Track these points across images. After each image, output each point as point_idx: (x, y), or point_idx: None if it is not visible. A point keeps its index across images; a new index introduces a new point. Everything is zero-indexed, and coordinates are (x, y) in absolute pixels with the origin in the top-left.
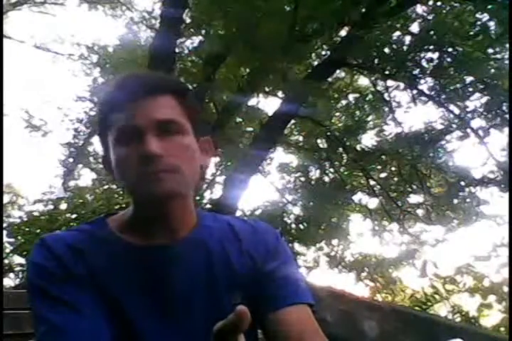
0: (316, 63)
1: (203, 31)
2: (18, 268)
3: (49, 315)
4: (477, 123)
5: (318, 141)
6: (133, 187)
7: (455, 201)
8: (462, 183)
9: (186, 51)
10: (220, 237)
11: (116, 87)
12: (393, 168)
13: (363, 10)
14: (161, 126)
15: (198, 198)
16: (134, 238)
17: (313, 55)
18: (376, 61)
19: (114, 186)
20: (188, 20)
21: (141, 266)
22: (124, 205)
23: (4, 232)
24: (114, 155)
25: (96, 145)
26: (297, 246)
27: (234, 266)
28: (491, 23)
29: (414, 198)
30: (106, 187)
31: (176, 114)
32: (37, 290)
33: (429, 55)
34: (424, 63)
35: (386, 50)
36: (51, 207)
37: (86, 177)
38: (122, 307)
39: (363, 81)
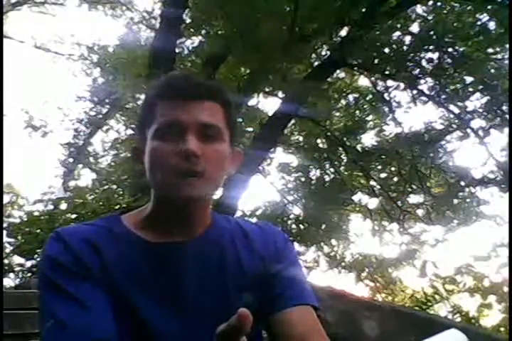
0: (316, 63)
1: (203, 31)
2: (18, 268)
3: (57, 309)
4: (477, 123)
5: (318, 141)
6: (161, 183)
7: (455, 201)
8: (462, 183)
9: (186, 51)
10: (232, 237)
11: (168, 84)
12: (393, 168)
13: (363, 10)
14: (204, 129)
15: None
16: (149, 235)
17: (313, 55)
18: (376, 61)
19: (114, 186)
20: (188, 20)
21: (156, 263)
22: (124, 205)
23: (4, 232)
24: (150, 147)
25: (96, 145)
26: (297, 246)
27: (244, 265)
28: (491, 23)
29: (414, 198)
30: (106, 187)
31: (219, 120)
32: (48, 284)
33: (429, 55)
34: (424, 63)
35: (386, 50)
36: (51, 207)
37: (86, 177)
38: (133, 304)
39: (363, 81)
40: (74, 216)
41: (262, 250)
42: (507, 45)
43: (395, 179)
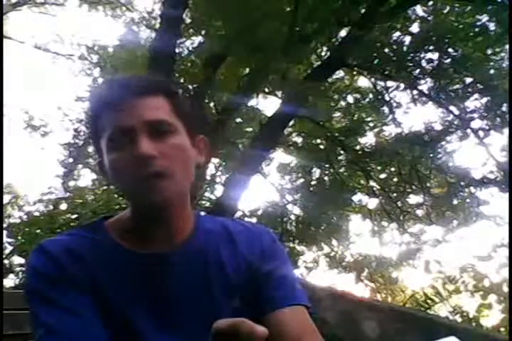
0: (316, 63)
1: (203, 31)
2: (18, 269)
3: (46, 318)
4: (477, 123)
5: (318, 141)
6: (129, 192)
7: (455, 201)
8: (462, 184)
9: (186, 51)
10: (216, 240)
11: (105, 92)
12: (393, 169)
13: (363, 10)
14: (152, 127)
15: (198, 198)
16: (133, 245)
17: (313, 55)
18: (376, 61)
19: (114, 186)
20: (188, 21)
21: (141, 273)
22: (124, 205)
23: (4, 232)
24: (107, 158)
25: None
26: (297, 246)
27: (228, 269)
28: (491, 24)
29: (414, 198)
30: (106, 187)
31: (165, 114)
32: (34, 293)
33: (429, 55)
34: (424, 64)
35: (386, 50)
36: (51, 207)
37: (86, 178)
38: (120, 312)
39: (363, 81)
40: (74, 216)
41: (247, 251)
42: (507, 46)
43: (395, 179)
